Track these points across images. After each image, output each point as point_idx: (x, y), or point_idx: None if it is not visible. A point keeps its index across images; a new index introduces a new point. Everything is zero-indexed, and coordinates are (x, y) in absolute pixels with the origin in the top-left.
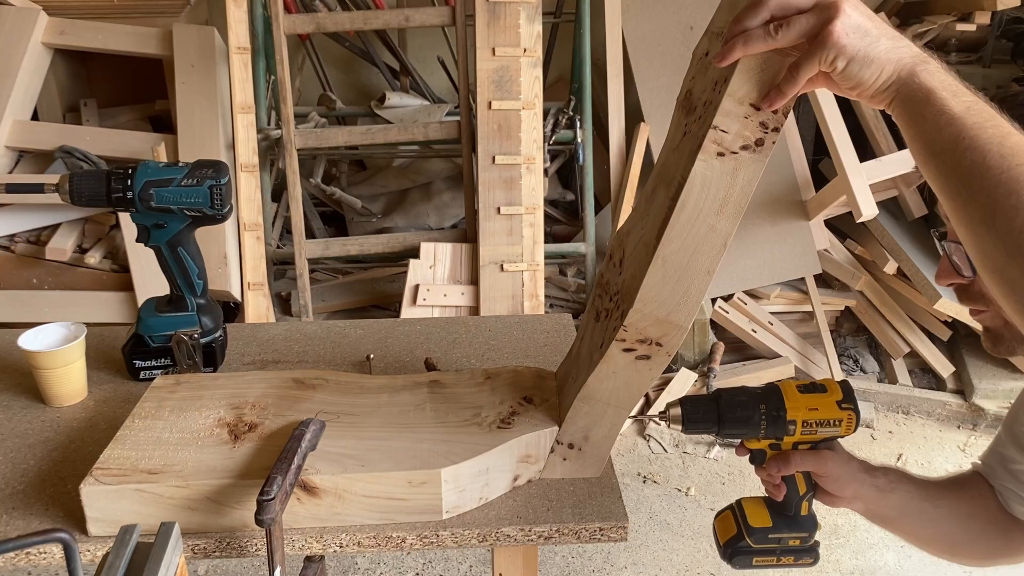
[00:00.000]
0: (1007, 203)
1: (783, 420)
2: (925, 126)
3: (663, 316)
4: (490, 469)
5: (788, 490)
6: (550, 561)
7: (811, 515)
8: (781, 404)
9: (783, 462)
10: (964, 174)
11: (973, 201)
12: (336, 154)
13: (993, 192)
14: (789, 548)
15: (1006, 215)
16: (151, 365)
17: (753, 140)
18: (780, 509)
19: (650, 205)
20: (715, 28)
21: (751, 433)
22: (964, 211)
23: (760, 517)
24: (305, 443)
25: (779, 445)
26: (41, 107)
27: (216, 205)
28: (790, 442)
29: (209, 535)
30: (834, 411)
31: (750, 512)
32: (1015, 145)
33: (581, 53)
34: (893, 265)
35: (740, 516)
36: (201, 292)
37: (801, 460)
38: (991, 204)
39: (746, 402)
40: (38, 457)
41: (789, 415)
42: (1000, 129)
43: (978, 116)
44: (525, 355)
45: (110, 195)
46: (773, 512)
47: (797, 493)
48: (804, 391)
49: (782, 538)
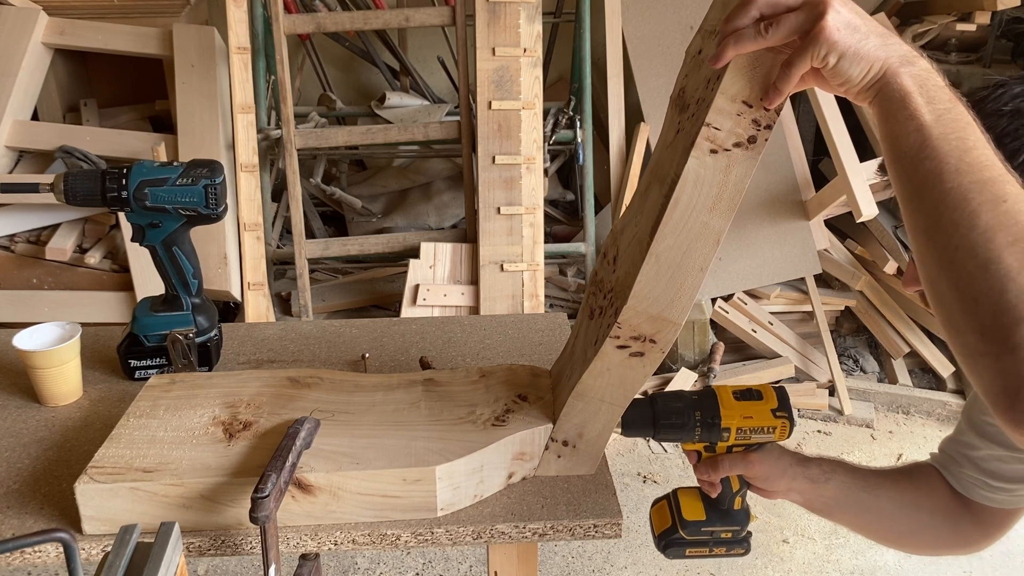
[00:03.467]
0: (949, 217)
1: (717, 427)
2: (895, 128)
3: (657, 313)
4: (484, 466)
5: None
6: (550, 561)
7: (744, 509)
8: (716, 411)
9: (712, 467)
10: (919, 182)
11: (921, 209)
12: (336, 154)
13: (940, 204)
14: (721, 540)
15: (945, 229)
16: (146, 365)
17: (746, 137)
18: (714, 503)
19: (644, 202)
20: (708, 26)
21: (686, 438)
22: (912, 218)
23: (694, 510)
24: (300, 441)
25: (713, 447)
26: (41, 107)
27: (211, 205)
28: (724, 446)
29: (204, 533)
30: (768, 419)
31: (685, 505)
32: (973, 161)
33: (581, 53)
34: (893, 265)
35: (675, 508)
36: (196, 291)
37: (730, 465)
38: (935, 215)
39: (681, 408)
40: (33, 456)
41: (723, 423)
42: (964, 142)
43: (946, 126)
44: (520, 353)
45: (105, 195)
46: (707, 506)
47: (730, 490)
48: (740, 398)
49: (715, 531)
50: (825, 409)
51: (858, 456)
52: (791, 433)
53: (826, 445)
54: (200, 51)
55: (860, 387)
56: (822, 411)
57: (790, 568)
